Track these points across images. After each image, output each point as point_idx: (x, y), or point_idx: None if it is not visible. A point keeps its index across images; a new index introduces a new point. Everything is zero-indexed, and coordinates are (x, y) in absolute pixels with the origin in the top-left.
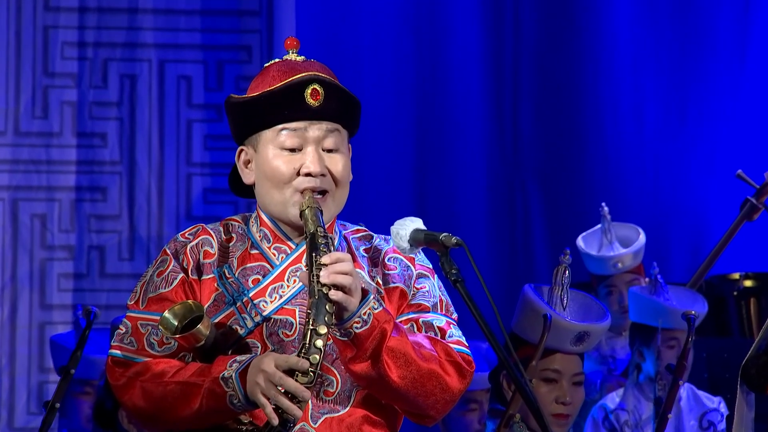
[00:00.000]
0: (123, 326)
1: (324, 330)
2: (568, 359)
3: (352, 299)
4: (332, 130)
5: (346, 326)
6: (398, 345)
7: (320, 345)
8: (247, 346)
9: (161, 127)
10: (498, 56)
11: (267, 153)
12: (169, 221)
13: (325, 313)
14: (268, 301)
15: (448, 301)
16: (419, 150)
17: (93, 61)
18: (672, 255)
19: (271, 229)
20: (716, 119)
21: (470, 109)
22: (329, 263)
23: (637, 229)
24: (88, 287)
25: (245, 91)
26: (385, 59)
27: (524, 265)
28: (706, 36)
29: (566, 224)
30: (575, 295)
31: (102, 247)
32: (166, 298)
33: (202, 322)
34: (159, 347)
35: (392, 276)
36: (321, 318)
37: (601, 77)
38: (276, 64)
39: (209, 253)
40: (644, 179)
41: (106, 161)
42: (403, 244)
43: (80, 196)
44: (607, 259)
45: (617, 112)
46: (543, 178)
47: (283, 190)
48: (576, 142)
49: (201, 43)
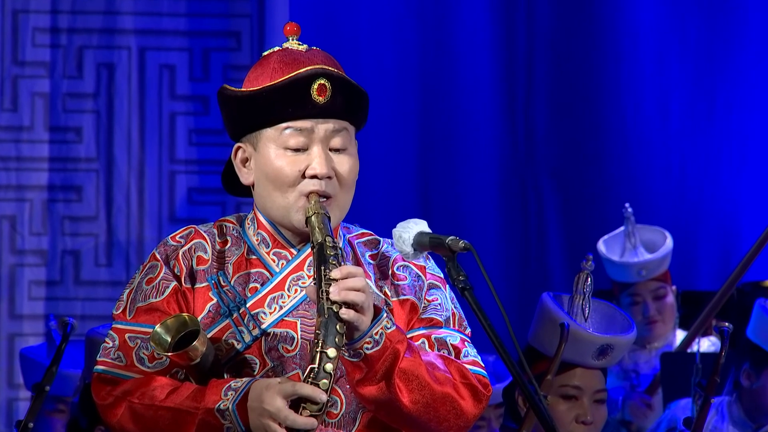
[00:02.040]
0: (109, 339)
1: (334, 353)
2: (589, 374)
3: (364, 318)
4: (340, 129)
5: (356, 346)
6: (411, 367)
7: (330, 369)
8: (243, 363)
9: (142, 120)
10: (509, 42)
11: (269, 153)
12: (151, 224)
13: (335, 334)
14: (267, 312)
15: (461, 315)
16: (423, 146)
17: (67, 48)
18: (700, 260)
19: (270, 233)
20: (747, 112)
21: (479, 100)
22: (340, 278)
23: (663, 232)
24: (61, 296)
25: (236, 82)
26: (385, 46)
27: (538, 272)
28: (735, 23)
29: (585, 227)
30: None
31: (77, 252)
32: (157, 308)
33: (197, 338)
34: (150, 363)
35: (402, 287)
36: (331, 339)
37: (623, 65)
38: (276, 53)
39: (203, 258)
40: (670, 177)
41: (81, 158)
42: (406, 248)
43: (53, 196)
44: (631, 265)
45: (640, 104)
46: (559, 176)
47: (286, 193)
48: (595, 136)
49: (185, 28)
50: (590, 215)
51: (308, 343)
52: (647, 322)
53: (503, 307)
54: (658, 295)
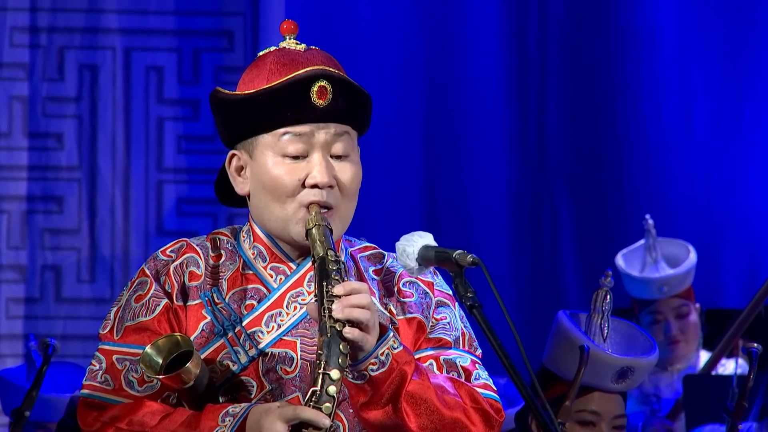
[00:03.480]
0: (95, 361)
1: (338, 375)
2: (608, 399)
3: (369, 337)
4: (341, 134)
5: (360, 368)
6: (419, 390)
7: (333, 392)
8: (240, 386)
9: (127, 126)
10: (520, 40)
11: (266, 161)
12: (137, 237)
13: (338, 354)
14: (264, 331)
15: (471, 335)
16: (428, 152)
17: (47, 49)
18: (725, 275)
19: (267, 246)
20: None
21: (488, 103)
22: (343, 294)
23: (687, 246)
24: (41, 314)
25: (229, 85)
26: (387, 45)
27: (552, 289)
28: (762, 21)
29: (602, 240)
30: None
31: (58, 267)
32: (147, 327)
33: (191, 360)
34: (139, 386)
35: (409, 305)
36: (334, 360)
37: (643, 66)
38: (273, 54)
39: (195, 274)
40: (693, 187)
41: (62, 166)
42: (410, 263)
43: (32, 207)
44: (652, 281)
45: (661, 107)
46: (574, 185)
47: (284, 204)
48: (613, 142)
49: (174, 27)
50: (608, 227)
51: (308, 364)
52: (669, 342)
53: (514, 326)
54: (680, 313)
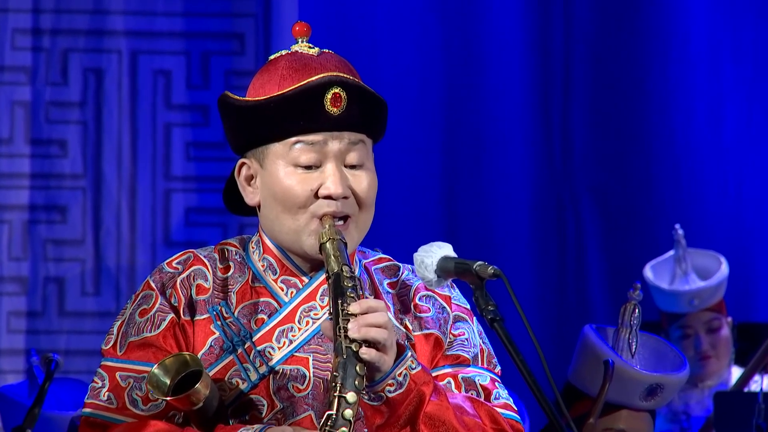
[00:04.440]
0: (98, 378)
1: (354, 398)
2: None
3: (386, 358)
4: (356, 142)
5: (377, 389)
6: (437, 411)
7: (350, 416)
8: (250, 404)
9: (134, 132)
10: (544, 43)
11: (277, 170)
12: (144, 248)
13: (355, 376)
14: (275, 347)
15: (490, 351)
16: (448, 160)
17: (50, 52)
18: (759, 288)
19: (277, 258)
20: None
21: (510, 109)
22: (359, 313)
23: (718, 257)
24: (43, 328)
25: (239, 89)
26: (406, 48)
27: (577, 302)
28: None
29: (630, 251)
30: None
31: (61, 280)
32: (152, 344)
33: (200, 381)
34: (144, 405)
35: (425, 320)
36: (350, 382)
37: (671, 69)
38: (285, 58)
39: (203, 287)
40: (725, 195)
41: (66, 174)
42: (428, 275)
43: (35, 217)
44: (682, 293)
45: (691, 112)
46: (600, 193)
47: (296, 215)
48: (640, 149)
49: (182, 29)
50: (635, 238)
51: (321, 382)
52: (699, 358)
53: (537, 342)
54: (711, 327)
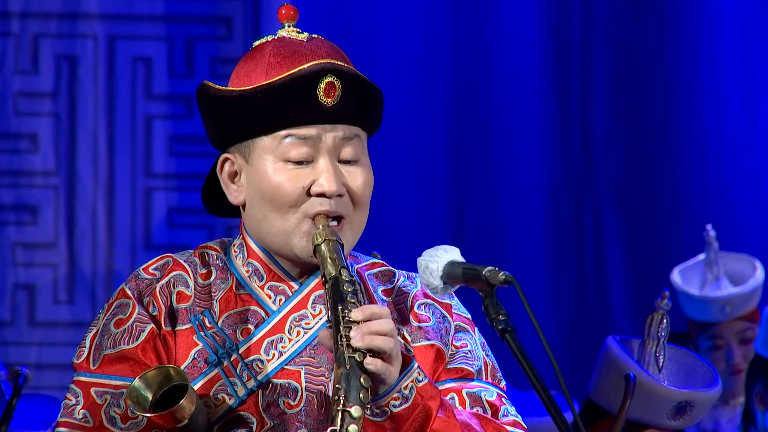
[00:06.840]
0: (71, 395)
1: (359, 412)
2: None
3: (392, 369)
4: (351, 137)
5: (381, 403)
6: (444, 428)
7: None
8: (238, 421)
9: (111, 125)
10: (561, 31)
11: (265, 166)
12: (122, 251)
13: (359, 389)
14: (264, 359)
15: (494, 365)
16: (456, 157)
17: (19, 37)
18: None
19: (264, 263)
20: None
21: (524, 101)
22: (362, 320)
23: (752, 261)
24: (12, 339)
25: (225, 79)
26: (410, 37)
27: (598, 311)
28: None
29: (655, 255)
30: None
31: (32, 286)
32: (129, 357)
33: (185, 396)
34: (123, 423)
35: (426, 330)
36: (354, 396)
37: (700, 57)
38: (271, 44)
39: (184, 294)
40: (759, 195)
41: (37, 171)
42: (434, 281)
43: (3, 218)
44: (713, 300)
45: (722, 107)
46: (622, 193)
47: (286, 215)
48: (666, 144)
49: (164, 13)
50: (662, 240)
51: (314, 397)
52: (731, 372)
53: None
54: (744, 337)
